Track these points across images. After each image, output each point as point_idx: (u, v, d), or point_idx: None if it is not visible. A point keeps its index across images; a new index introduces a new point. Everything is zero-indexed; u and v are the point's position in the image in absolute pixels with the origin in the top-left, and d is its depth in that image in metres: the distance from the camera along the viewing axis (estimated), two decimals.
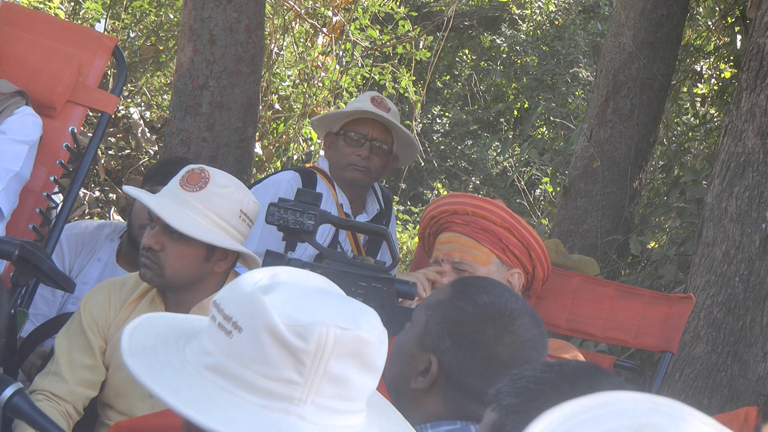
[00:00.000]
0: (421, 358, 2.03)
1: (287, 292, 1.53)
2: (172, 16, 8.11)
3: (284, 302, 1.50)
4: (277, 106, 8.16)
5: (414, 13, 10.05)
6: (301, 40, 8.21)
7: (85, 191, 7.35)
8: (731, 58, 7.34)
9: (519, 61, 12.48)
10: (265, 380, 1.46)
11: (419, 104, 8.88)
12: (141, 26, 8.40)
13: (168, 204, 2.81)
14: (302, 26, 8.19)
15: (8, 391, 2.05)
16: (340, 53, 8.70)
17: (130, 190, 2.90)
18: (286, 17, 8.09)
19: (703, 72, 8.06)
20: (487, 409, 1.46)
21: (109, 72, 7.11)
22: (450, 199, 3.17)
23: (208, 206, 2.80)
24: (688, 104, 8.56)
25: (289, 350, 1.46)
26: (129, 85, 8.16)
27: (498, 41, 12.72)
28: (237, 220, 2.82)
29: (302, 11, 8.08)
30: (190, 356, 1.52)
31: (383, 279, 2.12)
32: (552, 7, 12.91)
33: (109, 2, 8.12)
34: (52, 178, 3.47)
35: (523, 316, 2.05)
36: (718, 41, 7.55)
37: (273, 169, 7.92)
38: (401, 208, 9.70)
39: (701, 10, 7.61)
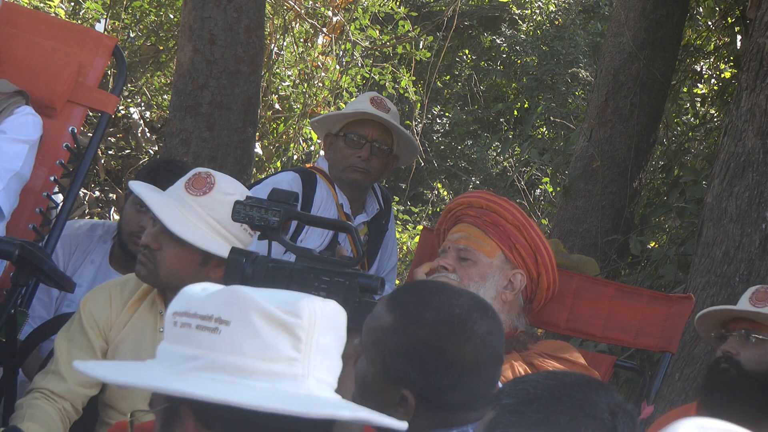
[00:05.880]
0: (393, 392, 1.99)
1: (252, 288, 1.56)
2: (172, 16, 8.11)
3: (256, 292, 1.53)
4: (277, 106, 8.16)
5: (414, 13, 10.05)
6: (301, 40, 8.21)
7: (85, 191, 7.36)
8: (731, 58, 7.33)
9: (519, 61, 12.48)
10: (268, 362, 1.48)
11: (419, 104, 8.88)
12: (141, 26, 8.40)
13: (169, 205, 2.78)
14: (302, 26, 8.19)
15: None
16: (340, 53, 8.70)
17: (135, 186, 2.87)
18: (286, 17, 8.09)
19: (703, 72, 8.06)
20: (489, 408, 1.49)
21: (109, 72, 7.11)
22: (469, 193, 3.27)
23: (209, 212, 2.77)
24: (688, 104, 8.56)
25: (285, 328, 1.49)
26: (129, 85, 8.16)
27: (498, 41, 12.72)
28: (238, 228, 2.79)
29: (302, 11, 8.08)
30: (172, 368, 1.51)
31: (346, 273, 2.12)
32: (552, 7, 12.90)
33: (109, 2, 8.12)
34: (52, 178, 3.47)
35: (471, 313, 2.01)
36: (718, 41, 7.55)
37: (273, 169, 7.92)
38: (401, 208, 9.70)
39: (701, 10, 7.60)
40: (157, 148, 7.82)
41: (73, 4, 8.20)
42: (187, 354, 1.50)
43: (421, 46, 8.79)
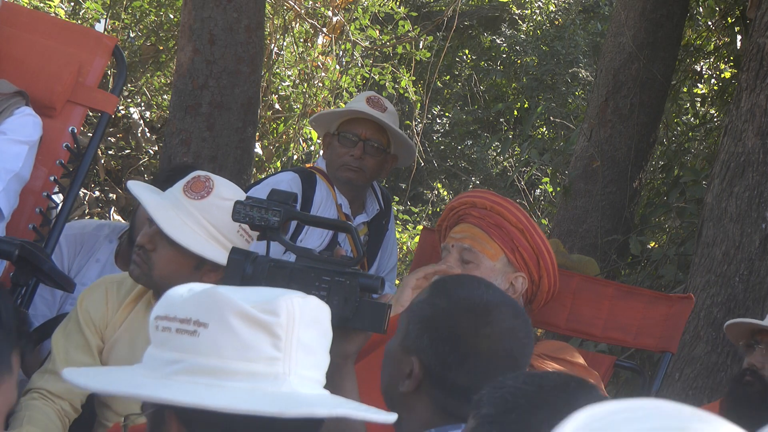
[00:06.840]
0: (406, 361, 2.02)
1: (229, 288, 1.55)
2: (172, 16, 8.11)
3: (234, 291, 1.52)
4: (277, 106, 8.16)
5: (414, 13, 10.05)
6: (301, 40, 8.21)
7: (85, 191, 7.36)
8: (731, 58, 7.34)
9: (519, 61, 12.48)
10: (248, 363, 1.48)
11: (419, 104, 8.88)
12: (141, 26, 8.41)
13: (166, 208, 2.77)
14: (302, 26, 8.19)
15: None
16: (340, 53, 8.70)
17: (132, 186, 2.86)
18: (286, 17, 8.09)
19: (703, 72, 8.06)
20: (470, 415, 1.48)
21: (109, 72, 7.11)
22: (472, 192, 3.24)
23: (206, 216, 2.75)
24: (688, 104, 8.56)
25: (263, 328, 1.48)
26: (129, 85, 8.17)
27: (498, 41, 12.72)
28: (234, 234, 2.77)
29: (302, 11, 8.08)
30: (152, 374, 1.51)
31: (347, 273, 2.12)
32: (552, 7, 12.91)
33: (109, 2, 8.12)
34: (52, 178, 3.47)
35: (500, 306, 2.03)
36: (718, 41, 7.56)
37: (273, 169, 7.93)
38: (401, 208, 9.70)
39: (701, 10, 7.61)
40: (157, 148, 7.83)
41: (73, 4, 8.21)
42: (168, 358, 1.50)
43: (421, 46, 8.79)
